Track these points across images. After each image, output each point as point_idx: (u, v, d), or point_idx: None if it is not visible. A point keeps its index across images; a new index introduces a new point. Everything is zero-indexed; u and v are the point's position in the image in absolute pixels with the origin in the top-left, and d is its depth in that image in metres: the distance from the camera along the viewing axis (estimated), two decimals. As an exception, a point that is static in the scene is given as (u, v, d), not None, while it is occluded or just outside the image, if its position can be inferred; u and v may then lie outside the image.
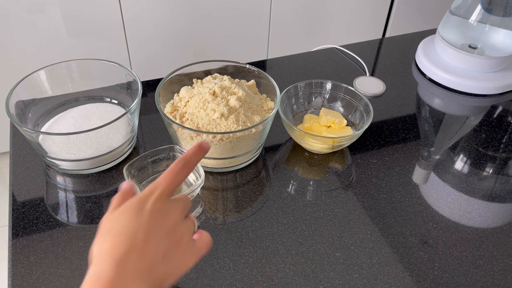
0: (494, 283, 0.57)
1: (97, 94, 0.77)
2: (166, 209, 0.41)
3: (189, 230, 0.43)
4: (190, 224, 0.43)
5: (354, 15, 1.78)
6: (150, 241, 0.39)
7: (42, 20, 1.37)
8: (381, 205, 0.66)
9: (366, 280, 0.56)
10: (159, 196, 0.41)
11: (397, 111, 0.84)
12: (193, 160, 0.45)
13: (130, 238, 0.38)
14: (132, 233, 0.38)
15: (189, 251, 0.42)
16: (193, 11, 1.52)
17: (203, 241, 0.44)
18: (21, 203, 0.64)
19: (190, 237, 0.43)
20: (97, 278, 0.36)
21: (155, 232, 0.39)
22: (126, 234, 0.38)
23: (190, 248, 0.42)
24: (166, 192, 0.42)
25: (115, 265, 0.36)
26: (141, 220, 0.39)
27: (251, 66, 0.74)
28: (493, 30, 0.89)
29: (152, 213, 0.40)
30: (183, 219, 0.43)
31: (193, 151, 0.45)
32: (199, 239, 0.44)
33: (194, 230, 0.44)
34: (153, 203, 0.41)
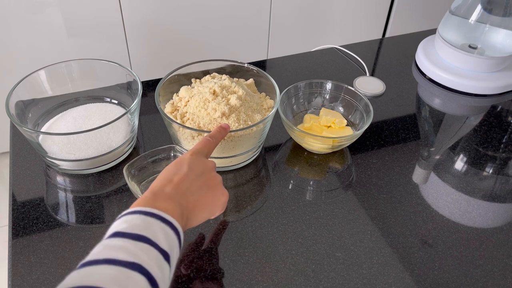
0: (494, 283, 0.57)
1: (97, 94, 0.77)
2: (200, 160, 0.52)
3: (220, 178, 0.53)
4: (220, 177, 0.53)
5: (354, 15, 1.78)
6: (185, 179, 0.48)
7: (42, 20, 1.37)
8: (381, 205, 0.66)
9: (366, 280, 0.56)
10: (192, 153, 0.52)
11: (397, 111, 0.84)
12: (218, 136, 0.57)
13: (168, 177, 0.48)
14: (171, 174, 0.49)
15: (220, 192, 0.51)
16: (193, 11, 1.52)
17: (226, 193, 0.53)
18: (21, 203, 0.64)
19: (220, 183, 0.52)
20: (137, 200, 0.45)
21: (190, 173, 0.49)
22: (166, 175, 0.49)
23: (221, 190, 0.52)
24: (198, 151, 0.53)
25: (152, 192, 0.46)
26: (179, 167, 0.50)
27: (250, 65, 0.74)
28: (493, 30, 0.89)
29: (189, 163, 0.50)
30: (214, 171, 0.52)
31: (217, 129, 0.58)
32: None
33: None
34: (189, 156, 0.52)
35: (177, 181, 0.48)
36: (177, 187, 0.47)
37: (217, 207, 0.51)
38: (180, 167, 0.50)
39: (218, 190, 0.51)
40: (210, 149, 0.55)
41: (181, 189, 0.47)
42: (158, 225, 0.41)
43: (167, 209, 0.44)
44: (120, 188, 0.66)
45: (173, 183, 0.47)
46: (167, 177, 0.48)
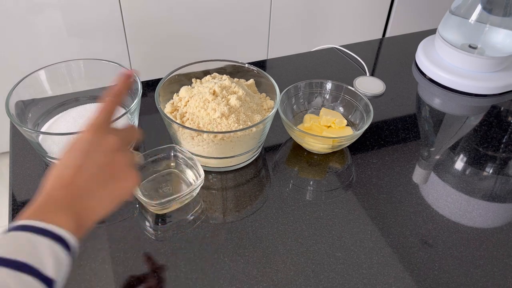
0: (494, 283, 0.57)
1: (97, 94, 0.77)
2: (96, 143, 0.42)
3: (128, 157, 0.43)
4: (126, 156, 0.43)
5: (354, 15, 1.78)
6: (80, 175, 0.40)
7: (42, 20, 1.37)
8: (381, 205, 0.66)
9: (366, 280, 0.56)
10: (90, 130, 0.43)
11: (397, 111, 0.84)
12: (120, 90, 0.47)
13: (60, 174, 0.40)
14: (64, 168, 0.41)
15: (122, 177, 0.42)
16: (193, 11, 1.52)
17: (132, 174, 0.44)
18: (21, 203, 0.64)
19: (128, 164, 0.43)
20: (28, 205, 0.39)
21: (88, 164, 0.41)
22: (59, 171, 0.41)
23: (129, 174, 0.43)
24: (97, 125, 0.43)
25: (43, 195, 0.39)
26: (73, 155, 0.41)
27: (250, 66, 0.74)
28: (493, 30, 0.89)
29: (83, 150, 0.41)
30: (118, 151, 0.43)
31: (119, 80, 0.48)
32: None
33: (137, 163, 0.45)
34: (85, 138, 0.42)
35: (70, 180, 0.40)
36: (70, 188, 0.39)
37: (125, 195, 0.43)
38: (74, 155, 0.41)
39: (126, 175, 0.43)
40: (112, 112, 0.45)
41: (75, 190, 0.40)
42: (47, 246, 0.36)
43: (60, 222, 0.37)
44: (120, 188, 0.66)
45: (64, 182, 0.40)
46: (57, 173, 0.40)
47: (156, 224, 0.62)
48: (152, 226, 0.62)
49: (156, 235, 0.61)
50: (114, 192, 0.42)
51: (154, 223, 0.62)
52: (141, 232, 0.61)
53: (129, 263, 0.57)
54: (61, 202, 0.39)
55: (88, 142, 0.42)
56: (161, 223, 0.62)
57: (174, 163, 0.67)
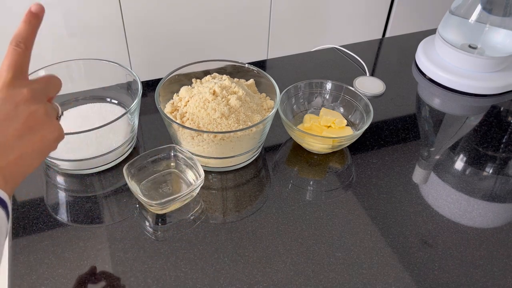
0: (494, 283, 0.57)
1: (97, 94, 0.77)
2: (9, 97, 0.40)
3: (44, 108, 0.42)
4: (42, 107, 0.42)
5: (354, 15, 1.78)
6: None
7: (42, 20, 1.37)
8: (381, 205, 0.66)
9: (366, 280, 0.56)
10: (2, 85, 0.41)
11: (397, 111, 0.84)
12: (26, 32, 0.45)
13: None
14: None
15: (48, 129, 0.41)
16: (193, 11, 1.52)
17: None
18: (21, 203, 0.64)
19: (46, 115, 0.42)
20: None
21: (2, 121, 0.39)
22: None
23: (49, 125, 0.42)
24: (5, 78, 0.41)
25: None
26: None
27: (250, 66, 0.74)
28: (493, 30, 0.89)
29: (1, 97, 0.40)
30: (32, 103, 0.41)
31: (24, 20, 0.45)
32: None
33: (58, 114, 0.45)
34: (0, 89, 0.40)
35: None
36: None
37: (48, 148, 0.42)
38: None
39: (46, 127, 0.41)
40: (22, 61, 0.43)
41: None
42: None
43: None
44: (120, 188, 0.66)
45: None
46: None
47: (156, 224, 0.62)
48: (152, 226, 0.62)
49: (156, 235, 0.61)
50: (36, 144, 0.41)
51: (154, 223, 0.62)
52: (141, 232, 0.61)
53: (129, 263, 0.57)
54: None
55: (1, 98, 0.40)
56: (161, 223, 0.62)
57: (174, 163, 0.67)
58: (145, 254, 0.58)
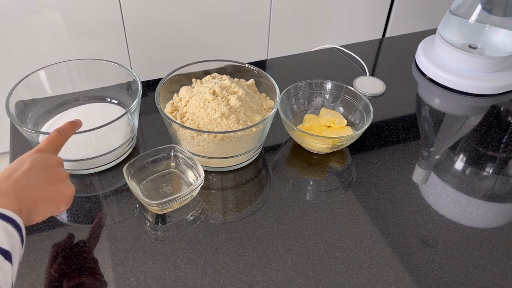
0: (494, 283, 0.57)
1: (97, 94, 0.77)
2: (44, 156, 0.52)
3: (66, 174, 0.52)
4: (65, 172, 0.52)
5: (354, 15, 1.78)
6: (25, 175, 0.48)
7: (42, 20, 1.37)
8: (381, 205, 0.66)
9: (366, 280, 0.56)
10: (36, 150, 0.52)
11: (397, 111, 0.84)
12: (68, 130, 0.57)
13: (6, 174, 0.47)
14: (10, 171, 0.48)
15: (64, 186, 0.51)
16: (193, 11, 1.52)
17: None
18: (21, 203, 0.64)
19: (66, 178, 0.52)
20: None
21: (32, 169, 0.49)
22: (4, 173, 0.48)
23: (66, 184, 0.51)
24: (43, 149, 0.53)
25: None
26: (20, 164, 0.49)
27: (250, 66, 0.74)
28: (493, 30, 0.89)
29: (32, 160, 0.50)
30: (60, 166, 0.52)
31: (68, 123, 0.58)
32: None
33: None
34: (31, 154, 0.51)
35: (16, 177, 0.47)
36: (15, 183, 0.46)
37: (62, 201, 0.51)
38: (21, 164, 0.49)
39: (63, 184, 0.51)
40: (59, 144, 0.55)
41: (19, 184, 0.46)
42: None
43: (3, 204, 0.43)
44: (120, 188, 0.66)
45: (11, 179, 0.46)
46: (5, 174, 0.47)
47: (156, 224, 0.62)
48: (152, 226, 0.62)
49: (156, 235, 0.61)
50: (53, 193, 0.49)
51: (154, 223, 0.62)
52: (141, 232, 0.61)
53: (129, 263, 0.57)
54: (5, 191, 0.45)
55: (34, 156, 0.51)
56: (161, 223, 0.62)
57: (174, 163, 0.67)
58: (145, 254, 0.58)
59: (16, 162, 0.50)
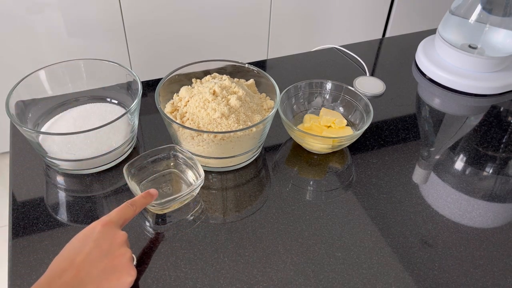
0: (494, 283, 0.57)
1: (97, 94, 0.77)
2: (109, 234, 0.49)
3: (128, 255, 0.50)
4: (129, 252, 0.50)
5: (354, 15, 1.78)
6: (87, 260, 0.46)
7: (42, 20, 1.37)
8: (381, 205, 0.66)
9: (366, 280, 0.56)
10: (105, 223, 0.50)
11: (397, 111, 0.84)
12: (140, 203, 0.55)
13: (70, 257, 0.46)
14: (74, 253, 0.47)
15: (126, 273, 0.49)
16: (193, 11, 1.53)
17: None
18: (21, 203, 0.64)
19: (129, 261, 0.49)
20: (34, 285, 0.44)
21: (94, 252, 0.47)
22: (69, 254, 0.47)
23: (127, 270, 0.49)
24: (111, 221, 0.50)
25: (48, 277, 0.45)
26: (85, 241, 0.48)
27: (250, 66, 0.74)
28: (493, 30, 0.89)
29: (96, 238, 0.48)
30: (123, 246, 0.50)
31: (142, 195, 0.56)
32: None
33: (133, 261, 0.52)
34: (99, 228, 0.49)
35: (78, 264, 0.46)
36: (76, 274, 0.45)
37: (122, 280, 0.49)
38: (86, 242, 0.48)
39: (124, 271, 0.49)
40: (128, 217, 0.53)
41: (80, 275, 0.45)
42: None
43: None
44: (120, 188, 0.66)
45: (73, 266, 0.45)
46: (69, 256, 0.46)
47: (156, 224, 0.62)
48: (152, 226, 0.62)
49: (156, 235, 0.61)
50: (113, 282, 0.47)
51: (154, 223, 0.62)
52: (141, 232, 0.61)
53: (129, 263, 0.57)
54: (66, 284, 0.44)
55: (99, 233, 0.49)
56: (161, 223, 0.62)
57: (174, 163, 0.67)
58: (145, 254, 0.58)
59: (81, 238, 0.48)
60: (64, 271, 0.45)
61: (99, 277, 0.46)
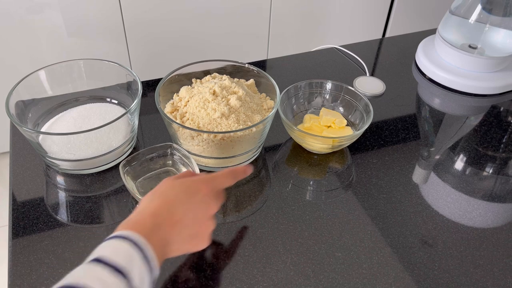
0: (494, 283, 0.57)
1: (97, 94, 0.77)
2: (207, 203, 0.49)
3: (212, 228, 0.51)
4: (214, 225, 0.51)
5: (354, 15, 1.78)
6: (181, 222, 0.47)
7: (42, 20, 1.37)
8: (381, 205, 0.66)
9: (366, 280, 0.56)
10: (209, 189, 0.50)
11: (397, 111, 0.84)
12: (239, 175, 0.55)
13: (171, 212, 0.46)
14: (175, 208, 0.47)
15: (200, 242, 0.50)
16: (193, 11, 1.53)
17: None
18: (21, 203, 0.64)
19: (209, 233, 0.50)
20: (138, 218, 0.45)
21: (188, 218, 0.47)
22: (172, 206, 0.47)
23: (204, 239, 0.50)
24: (215, 188, 0.51)
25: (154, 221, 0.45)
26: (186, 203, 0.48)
27: (250, 66, 0.74)
28: (493, 30, 0.89)
29: (196, 202, 0.48)
30: (212, 218, 0.51)
31: (242, 168, 0.55)
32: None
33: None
34: (204, 193, 0.49)
35: (175, 222, 0.46)
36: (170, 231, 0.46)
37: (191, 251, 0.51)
38: (189, 201, 0.48)
39: (204, 240, 0.50)
40: (226, 186, 0.53)
41: (173, 234, 0.46)
42: (139, 263, 0.41)
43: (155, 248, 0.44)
44: (120, 188, 0.66)
45: (171, 223, 0.46)
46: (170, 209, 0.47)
47: (156, 224, 0.62)
48: (152, 226, 0.62)
49: (156, 235, 0.60)
50: (189, 247, 0.49)
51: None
52: (141, 232, 0.60)
53: (129, 263, 0.57)
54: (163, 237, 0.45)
55: (202, 199, 0.49)
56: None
57: (171, 161, 0.67)
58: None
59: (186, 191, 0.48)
60: (163, 224, 0.45)
61: (184, 240, 0.47)
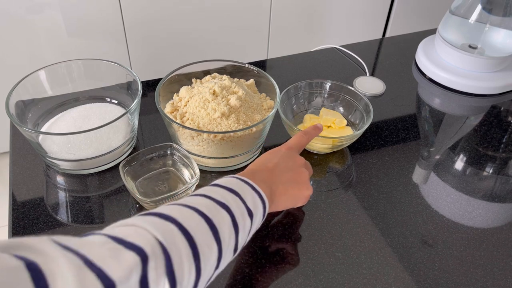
0: (494, 283, 0.57)
1: (97, 94, 0.77)
2: (291, 156, 0.57)
3: (307, 174, 0.57)
4: (306, 173, 0.57)
5: (354, 15, 1.78)
6: (276, 168, 0.55)
7: (42, 20, 1.37)
8: (381, 205, 0.66)
9: (366, 280, 0.56)
10: (288, 147, 0.58)
11: (397, 111, 0.84)
12: (311, 133, 0.62)
13: (264, 163, 0.55)
14: (266, 161, 0.55)
15: (305, 187, 0.56)
16: (193, 11, 1.53)
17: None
18: (21, 203, 0.64)
19: (307, 179, 0.57)
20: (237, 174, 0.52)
21: (280, 166, 0.55)
22: (262, 161, 0.56)
23: (306, 185, 0.56)
24: (292, 147, 0.59)
25: (251, 171, 0.54)
26: (273, 157, 0.56)
27: (250, 66, 0.74)
28: (493, 30, 0.89)
29: (282, 155, 0.57)
30: (303, 166, 0.57)
31: (312, 127, 0.63)
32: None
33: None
34: (283, 151, 0.58)
35: (271, 168, 0.54)
36: (271, 174, 0.53)
37: (301, 199, 0.56)
38: (274, 156, 0.56)
39: (304, 184, 0.56)
40: (303, 144, 0.61)
41: (273, 176, 0.53)
42: (249, 190, 0.49)
43: (260, 186, 0.50)
44: (120, 188, 0.66)
45: (268, 169, 0.54)
46: (263, 162, 0.55)
47: (156, 224, 0.62)
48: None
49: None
50: (295, 191, 0.55)
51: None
52: (141, 232, 0.60)
53: (129, 263, 0.57)
54: (264, 178, 0.52)
55: (285, 153, 0.57)
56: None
57: (171, 161, 0.67)
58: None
59: (270, 153, 0.57)
60: (259, 171, 0.53)
61: (286, 184, 0.54)
